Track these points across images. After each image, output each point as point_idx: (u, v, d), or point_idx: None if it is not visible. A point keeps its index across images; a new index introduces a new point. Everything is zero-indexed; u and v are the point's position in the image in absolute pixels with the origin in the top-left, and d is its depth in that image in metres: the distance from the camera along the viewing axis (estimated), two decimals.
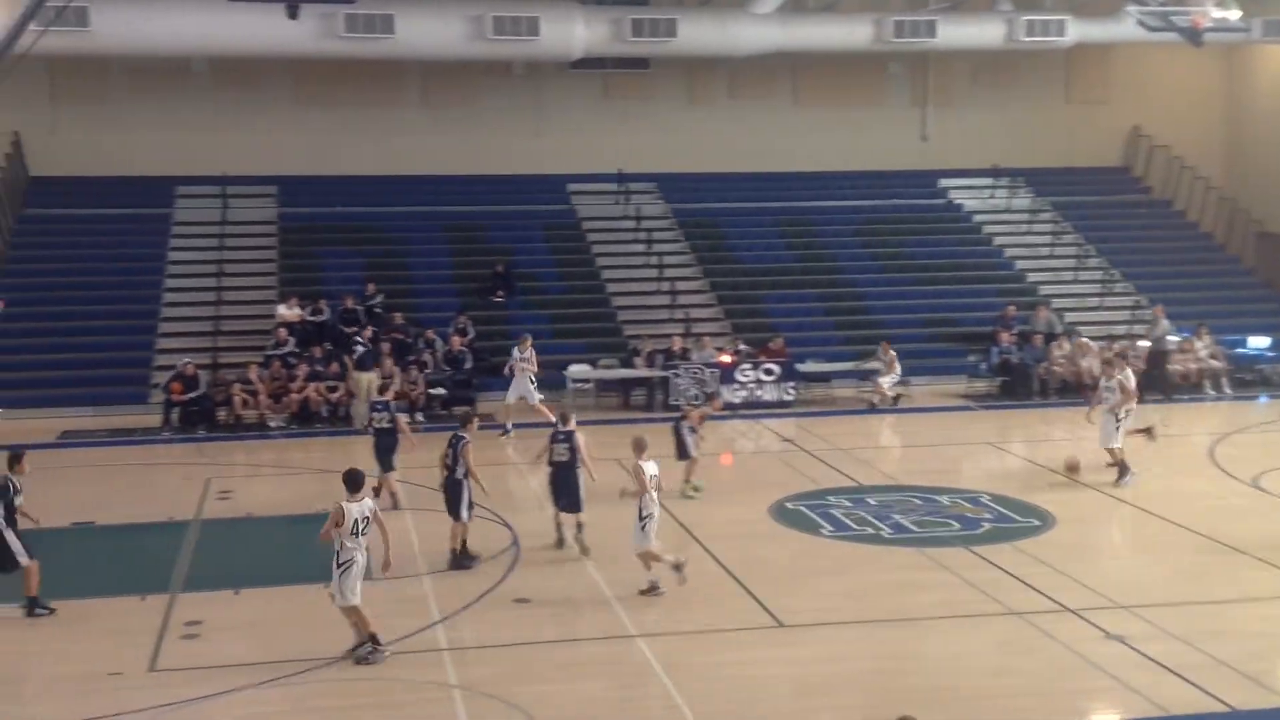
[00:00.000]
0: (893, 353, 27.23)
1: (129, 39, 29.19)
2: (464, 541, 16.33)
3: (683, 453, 19.43)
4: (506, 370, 25.06)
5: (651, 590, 15.00)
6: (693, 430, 19.50)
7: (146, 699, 12.05)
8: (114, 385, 27.29)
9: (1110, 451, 20.14)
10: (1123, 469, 19.96)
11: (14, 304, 25.98)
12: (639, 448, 15.63)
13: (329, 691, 12.42)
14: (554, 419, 21.82)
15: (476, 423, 17.02)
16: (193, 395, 25.25)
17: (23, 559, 14.40)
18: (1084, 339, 28.47)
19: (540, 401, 24.22)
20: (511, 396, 24.34)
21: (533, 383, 24.40)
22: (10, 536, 14.35)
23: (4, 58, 22.20)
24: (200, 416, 25.28)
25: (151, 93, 33.33)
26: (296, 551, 17.40)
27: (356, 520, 12.83)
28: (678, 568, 15.00)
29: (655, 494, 15.24)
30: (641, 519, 15.14)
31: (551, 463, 16.99)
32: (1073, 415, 26.58)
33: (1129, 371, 20.59)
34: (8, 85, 22.67)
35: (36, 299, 29.13)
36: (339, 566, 12.92)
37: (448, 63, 33.31)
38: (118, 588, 15.56)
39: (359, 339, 26.40)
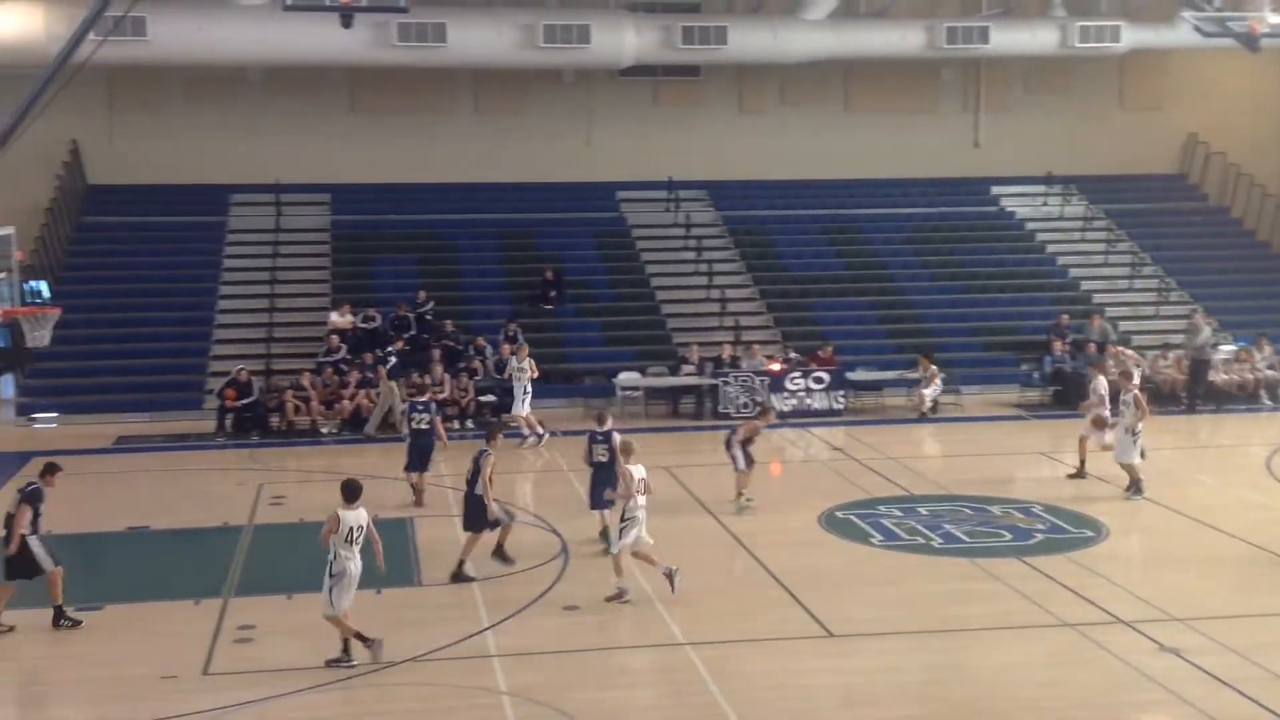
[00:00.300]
0: (933, 368, 27.04)
1: (186, 48, 29.62)
2: (500, 544, 16.39)
3: (735, 466, 19.24)
4: (506, 375, 25.48)
5: (618, 597, 14.97)
6: (746, 443, 19.28)
7: (200, 702, 12.17)
8: (169, 391, 27.63)
9: (1127, 468, 19.86)
10: (1137, 485, 19.71)
11: (71, 311, 26.23)
12: (626, 451, 15.83)
13: (380, 696, 12.50)
14: (538, 432, 22.00)
15: (501, 438, 16.89)
16: (246, 401, 25.51)
17: (46, 565, 14.43)
18: (1120, 348, 27.96)
19: (526, 415, 24.27)
20: (523, 410, 24.43)
21: (526, 392, 24.39)
22: (35, 543, 14.39)
23: (63, 67, 22.50)
24: (253, 422, 25.53)
25: (208, 101, 33.76)
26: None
27: (351, 528, 13.01)
28: (669, 576, 15.04)
29: (642, 498, 15.33)
30: (623, 522, 15.28)
31: (591, 463, 17.26)
32: None
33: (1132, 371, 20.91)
34: (67, 94, 22.95)
35: (94, 306, 29.51)
36: (330, 576, 13.04)
37: (499, 70, 33.48)
38: (172, 592, 15.73)
39: (390, 349, 26.54)
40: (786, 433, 25.62)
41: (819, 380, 27.14)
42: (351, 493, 13.27)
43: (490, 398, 26.56)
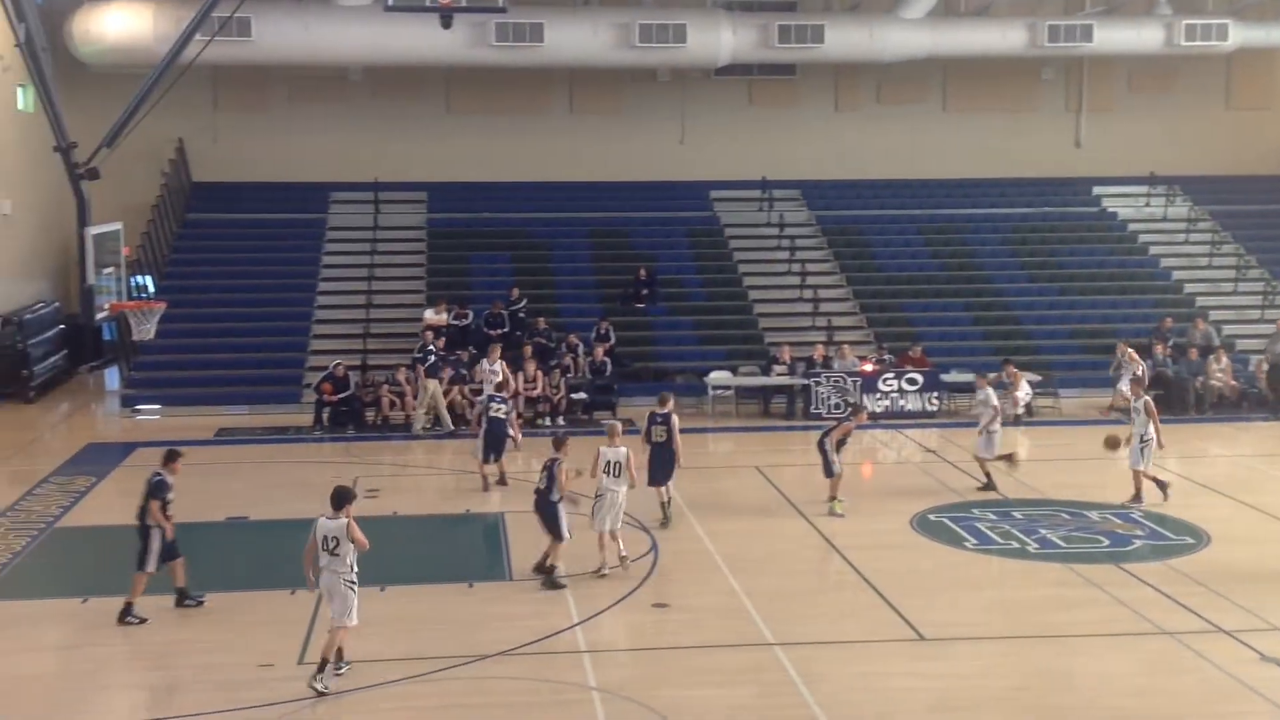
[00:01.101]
0: (1015, 370, 26.61)
1: (290, 48, 30.21)
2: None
3: (827, 469, 18.98)
4: (477, 380, 24.70)
5: (599, 571, 15.73)
6: (840, 444, 18.99)
7: (296, 691, 12.37)
8: (268, 385, 28.09)
9: (1135, 474, 19.36)
10: (1138, 496, 19.22)
11: (175, 306, 26.86)
12: (609, 433, 16.50)
13: (472, 689, 12.62)
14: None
15: (569, 446, 16.23)
16: (343, 396, 25.85)
17: (150, 563, 14.61)
18: (1125, 346, 27.20)
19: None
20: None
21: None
22: (154, 538, 14.61)
23: (170, 67, 23.01)
24: (349, 416, 25.87)
25: (309, 101, 34.38)
26: (440, 550, 17.74)
27: (326, 538, 12.61)
28: (622, 560, 15.78)
29: (614, 481, 15.98)
30: (595, 499, 16.05)
31: (651, 443, 18.06)
32: (1231, 431, 25.88)
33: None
34: (173, 94, 23.50)
35: (196, 301, 30.13)
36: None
37: (594, 70, 33.65)
38: (269, 581, 15.99)
39: (431, 347, 26.71)
40: (878, 434, 25.42)
41: (912, 381, 26.88)
42: (337, 500, 12.73)
43: (581, 395, 26.67)
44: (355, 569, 12.71)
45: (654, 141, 35.32)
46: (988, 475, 20.27)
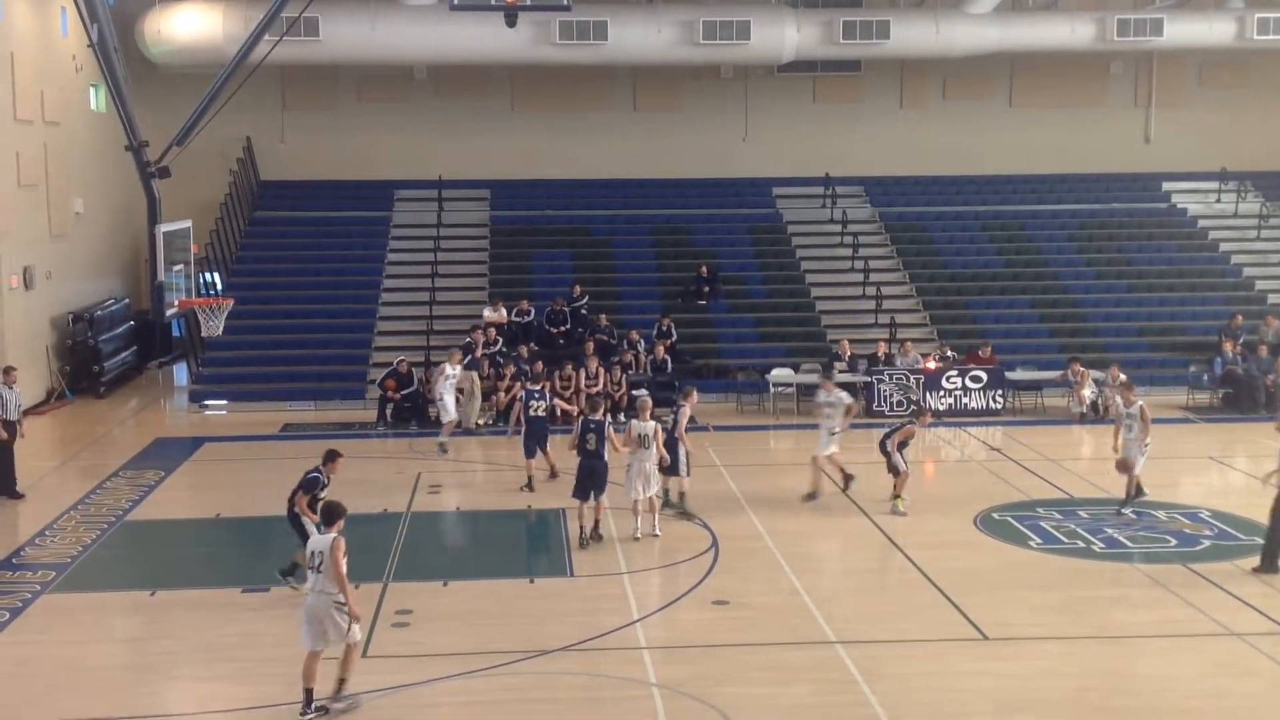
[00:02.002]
0: (1082, 369, 26.32)
1: (357, 48, 30.53)
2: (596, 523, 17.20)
3: (893, 468, 18.79)
4: (435, 394, 23.82)
5: (634, 535, 16.91)
6: (901, 446, 18.78)
7: (360, 683, 12.45)
8: (333, 381, 28.39)
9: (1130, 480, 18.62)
10: (1129, 497, 18.60)
11: (242, 302, 27.23)
12: (640, 408, 17.51)
13: (534, 684, 12.67)
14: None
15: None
16: (406, 392, 26.05)
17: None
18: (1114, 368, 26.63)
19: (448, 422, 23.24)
20: (450, 414, 23.39)
21: (458, 401, 23.58)
22: (308, 524, 14.80)
23: (239, 67, 23.30)
24: (412, 412, 26.07)
25: (375, 100, 34.73)
26: (501, 546, 17.81)
27: (312, 553, 11.89)
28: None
29: (644, 450, 17.02)
30: (627, 468, 17.14)
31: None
32: None
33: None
34: (242, 93, 23.80)
35: (263, 298, 30.50)
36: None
37: (658, 67, 33.68)
38: None
39: (470, 340, 26.85)
40: (942, 432, 25.25)
41: (976, 379, 26.66)
42: (328, 516, 12.14)
43: (643, 392, 26.62)
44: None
45: (717, 138, 35.33)
46: (843, 473, 19.64)
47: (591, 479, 17.03)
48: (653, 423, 17.29)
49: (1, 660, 13.39)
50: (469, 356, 26.16)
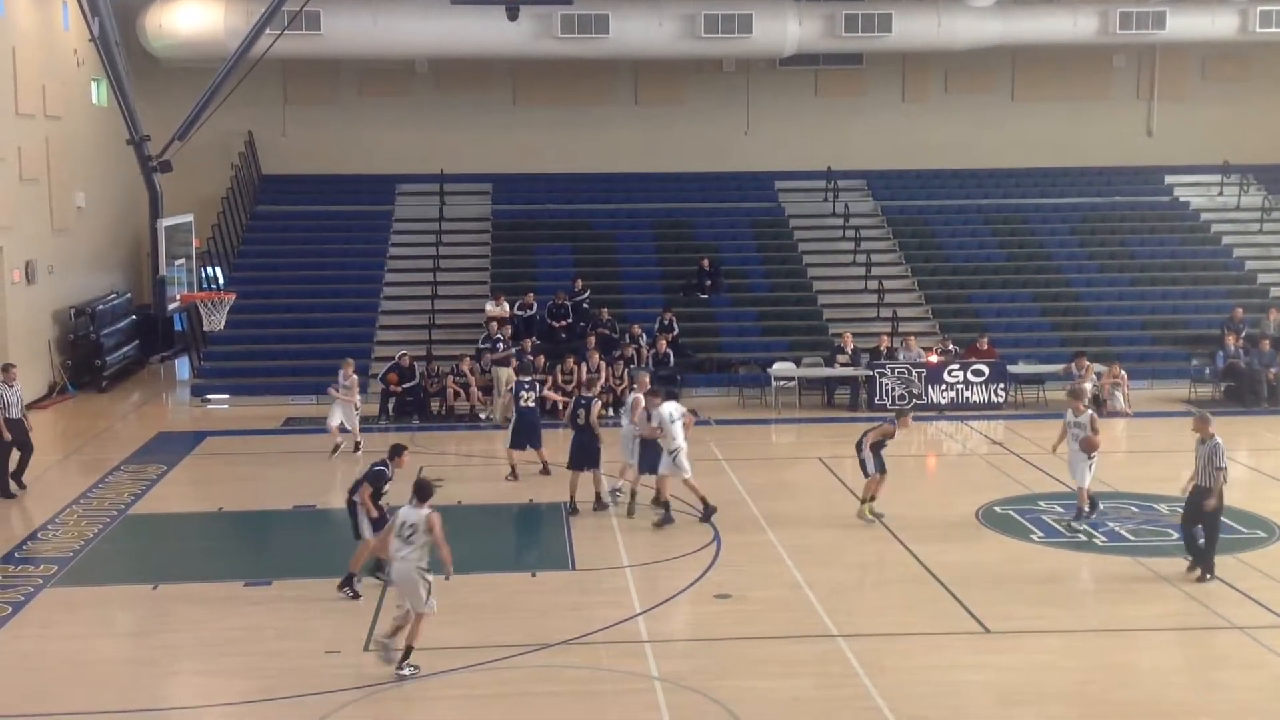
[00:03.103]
0: (1086, 363, 26.27)
1: (358, 42, 30.54)
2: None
3: (864, 470, 18.10)
4: (331, 390, 22.85)
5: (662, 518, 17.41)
6: (877, 447, 18.15)
7: (362, 677, 12.50)
8: (335, 375, 28.28)
9: (1079, 491, 17.78)
10: (1080, 511, 17.70)
11: (244, 296, 27.22)
12: (652, 394, 18.07)
13: (535, 678, 12.67)
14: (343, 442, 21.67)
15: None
16: (408, 386, 26.07)
17: (365, 533, 14.95)
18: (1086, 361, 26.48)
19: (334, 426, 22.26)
20: (333, 421, 22.30)
21: (356, 409, 22.66)
22: (363, 518, 14.93)
23: (241, 61, 23.28)
24: (415, 406, 26.09)
25: (376, 94, 34.73)
26: (503, 540, 17.83)
27: (402, 524, 12.68)
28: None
29: (679, 431, 17.56)
30: (670, 452, 17.57)
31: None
32: None
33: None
34: (243, 87, 23.80)
35: (265, 292, 30.51)
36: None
37: (660, 61, 33.66)
38: (335, 569, 16.12)
39: (499, 336, 26.86)
40: (944, 425, 25.26)
41: (978, 373, 26.64)
42: (420, 492, 12.90)
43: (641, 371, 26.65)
44: (426, 560, 12.67)
45: (719, 132, 35.31)
46: (703, 501, 18.03)
47: (580, 452, 18.31)
48: (673, 405, 17.94)
49: (4, 655, 13.40)
50: (499, 350, 26.23)
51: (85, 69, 30.44)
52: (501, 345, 26.60)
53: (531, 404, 20.39)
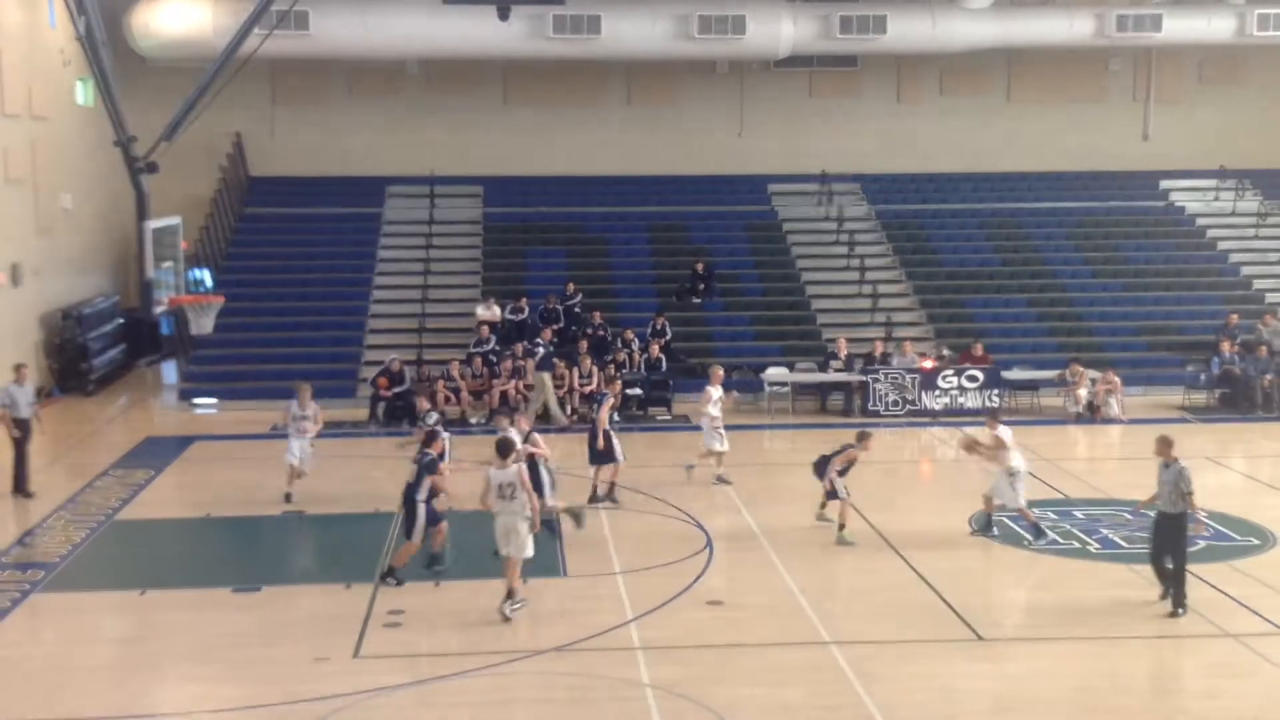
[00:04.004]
0: (1080, 369, 26.20)
1: (348, 42, 30.38)
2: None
3: (837, 494, 17.66)
4: (286, 424, 19.93)
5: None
6: (841, 472, 17.69)
7: (351, 684, 12.36)
8: (324, 379, 28.10)
9: (1020, 511, 17.43)
10: (1036, 529, 17.28)
11: (232, 300, 27.05)
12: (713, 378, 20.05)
13: (526, 684, 12.56)
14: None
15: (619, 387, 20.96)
16: (398, 390, 25.90)
17: (415, 536, 15.40)
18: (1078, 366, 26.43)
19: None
20: (294, 457, 19.45)
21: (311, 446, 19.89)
22: (420, 510, 15.38)
23: (229, 61, 23.13)
24: (405, 411, 25.90)
25: (366, 95, 34.58)
26: (494, 546, 17.63)
27: (500, 485, 14.07)
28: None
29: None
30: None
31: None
32: None
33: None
34: (231, 88, 23.64)
35: (253, 295, 30.30)
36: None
37: (652, 62, 33.55)
38: (324, 575, 16.04)
39: (539, 340, 26.79)
40: (938, 432, 25.14)
41: (973, 379, 26.52)
42: (503, 450, 14.29)
43: (636, 391, 26.55)
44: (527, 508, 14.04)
45: (712, 134, 35.21)
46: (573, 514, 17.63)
47: (590, 447, 19.03)
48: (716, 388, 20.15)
49: None
50: (540, 354, 26.30)
51: (71, 69, 30.24)
52: (542, 349, 26.50)
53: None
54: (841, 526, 17.38)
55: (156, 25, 30.19)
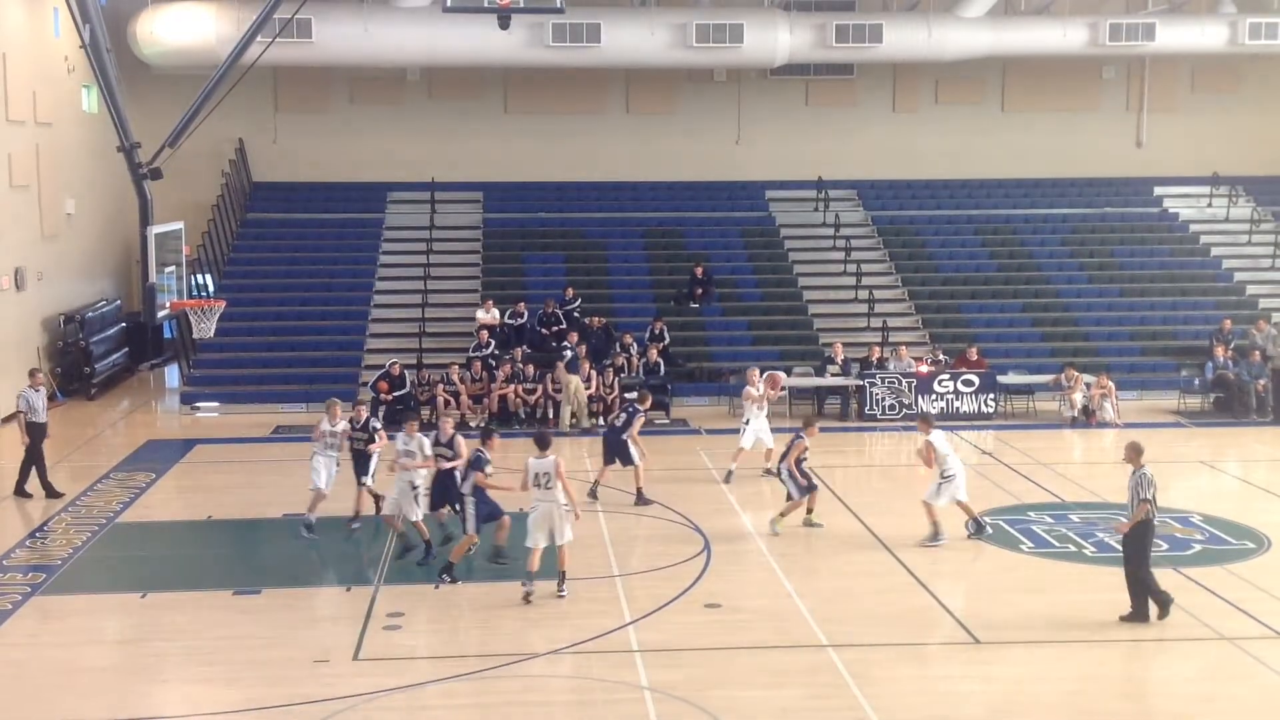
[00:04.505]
0: (1075, 374, 26.35)
1: (350, 50, 30.48)
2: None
3: (798, 491, 17.98)
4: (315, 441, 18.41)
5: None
6: (799, 463, 18.00)
7: (351, 686, 12.47)
8: (325, 384, 28.25)
9: (927, 508, 17.47)
10: (935, 531, 17.34)
11: (234, 304, 27.16)
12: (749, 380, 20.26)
13: (523, 687, 12.66)
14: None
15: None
16: (399, 394, 26.02)
17: (469, 526, 15.76)
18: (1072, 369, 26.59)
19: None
20: (321, 481, 18.05)
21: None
22: (469, 505, 15.73)
23: (232, 68, 23.27)
24: (405, 415, 25.95)
25: (368, 102, 34.72)
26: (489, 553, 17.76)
27: (536, 474, 14.87)
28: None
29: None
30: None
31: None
32: None
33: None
34: (234, 94, 23.78)
35: (255, 300, 30.44)
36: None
37: (651, 70, 33.70)
38: (324, 578, 16.15)
39: (567, 344, 26.95)
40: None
41: (968, 383, 26.67)
42: (541, 442, 15.25)
43: (634, 395, 26.63)
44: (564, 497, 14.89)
45: (710, 142, 35.35)
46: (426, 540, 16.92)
47: (610, 451, 19.67)
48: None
49: None
50: (569, 357, 26.47)
51: (76, 76, 30.38)
52: (570, 352, 26.66)
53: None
54: (809, 510, 18.01)
55: (160, 33, 30.32)
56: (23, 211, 27.48)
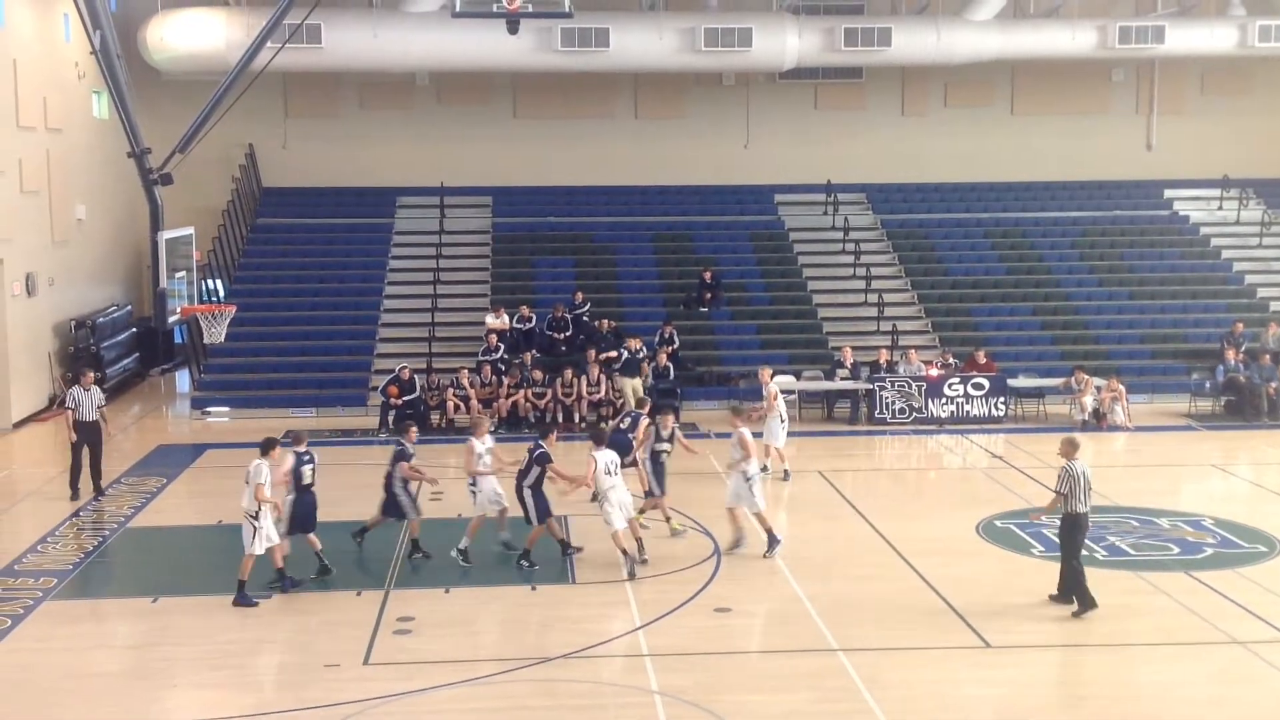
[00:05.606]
0: (1085, 376, 26.32)
1: (359, 55, 30.54)
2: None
3: (652, 490, 17.98)
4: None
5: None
6: (654, 451, 18.12)
7: (361, 691, 12.48)
8: (335, 388, 28.38)
9: (758, 517, 17.14)
10: (771, 538, 17.01)
11: (244, 309, 27.20)
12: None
13: (534, 691, 12.67)
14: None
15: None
16: (408, 399, 26.05)
17: (410, 514, 16.99)
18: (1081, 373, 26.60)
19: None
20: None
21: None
22: (400, 491, 16.92)
23: (242, 73, 23.29)
24: (415, 419, 26.02)
25: (377, 107, 34.79)
26: (504, 553, 17.80)
27: (607, 464, 16.15)
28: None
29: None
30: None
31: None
32: None
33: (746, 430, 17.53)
34: (244, 100, 23.80)
35: (266, 305, 30.52)
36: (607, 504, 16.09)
37: (660, 74, 33.73)
38: (335, 582, 16.15)
39: (625, 347, 26.98)
40: (944, 439, 25.25)
41: (978, 387, 26.63)
42: (598, 438, 16.54)
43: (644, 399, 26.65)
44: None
45: (718, 145, 35.38)
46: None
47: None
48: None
49: (2, 668, 13.39)
50: (625, 359, 26.69)
51: (86, 81, 30.48)
52: (626, 353, 26.70)
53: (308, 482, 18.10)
54: (666, 519, 18.11)
55: (171, 39, 30.39)
56: (34, 217, 27.57)
